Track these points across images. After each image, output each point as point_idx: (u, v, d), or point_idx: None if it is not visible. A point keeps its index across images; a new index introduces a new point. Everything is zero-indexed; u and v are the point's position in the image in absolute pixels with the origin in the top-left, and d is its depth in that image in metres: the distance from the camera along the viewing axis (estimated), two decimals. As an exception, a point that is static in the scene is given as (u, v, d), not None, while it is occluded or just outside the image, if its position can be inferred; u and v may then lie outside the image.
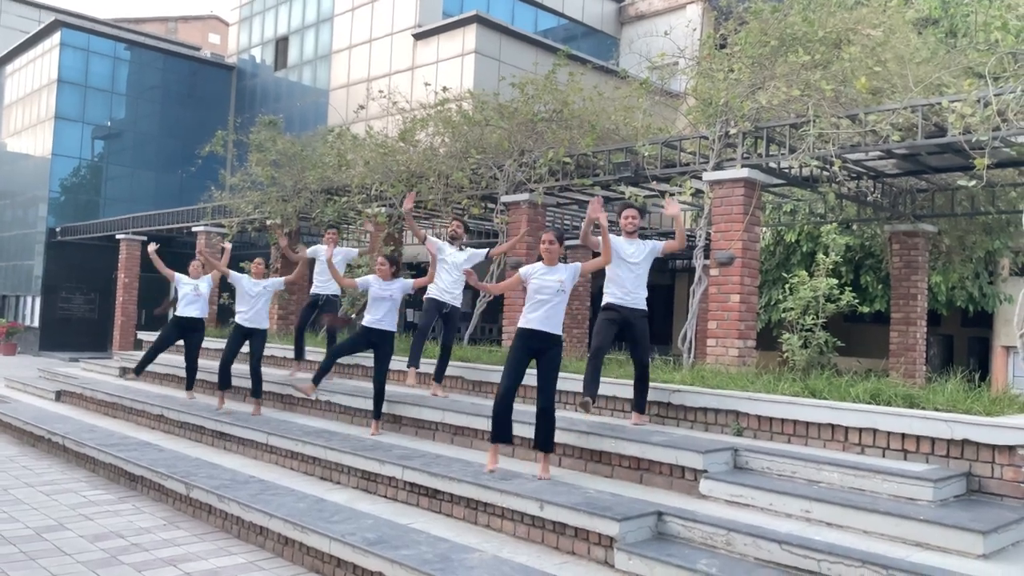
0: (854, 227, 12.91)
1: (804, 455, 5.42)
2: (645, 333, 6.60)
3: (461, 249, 8.35)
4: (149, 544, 5.87)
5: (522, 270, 6.08)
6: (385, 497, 6.35)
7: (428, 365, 8.47)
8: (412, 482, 6.13)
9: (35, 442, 9.59)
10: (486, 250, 8.73)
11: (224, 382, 9.12)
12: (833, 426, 5.70)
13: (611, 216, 7.39)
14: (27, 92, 27.80)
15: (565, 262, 6.17)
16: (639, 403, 6.69)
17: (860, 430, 5.56)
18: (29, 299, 26.51)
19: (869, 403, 5.72)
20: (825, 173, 8.97)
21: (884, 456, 5.41)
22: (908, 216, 10.85)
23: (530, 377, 6.08)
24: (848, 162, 9.12)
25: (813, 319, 7.11)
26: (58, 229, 25.55)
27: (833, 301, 7.17)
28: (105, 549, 5.70)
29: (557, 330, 5.97)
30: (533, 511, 5.22)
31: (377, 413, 7.62)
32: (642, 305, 6.63)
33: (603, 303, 6.69)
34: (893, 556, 4.18)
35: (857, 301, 7.43)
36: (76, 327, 25.85)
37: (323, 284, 9.89)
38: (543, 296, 5.91)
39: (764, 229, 14.36)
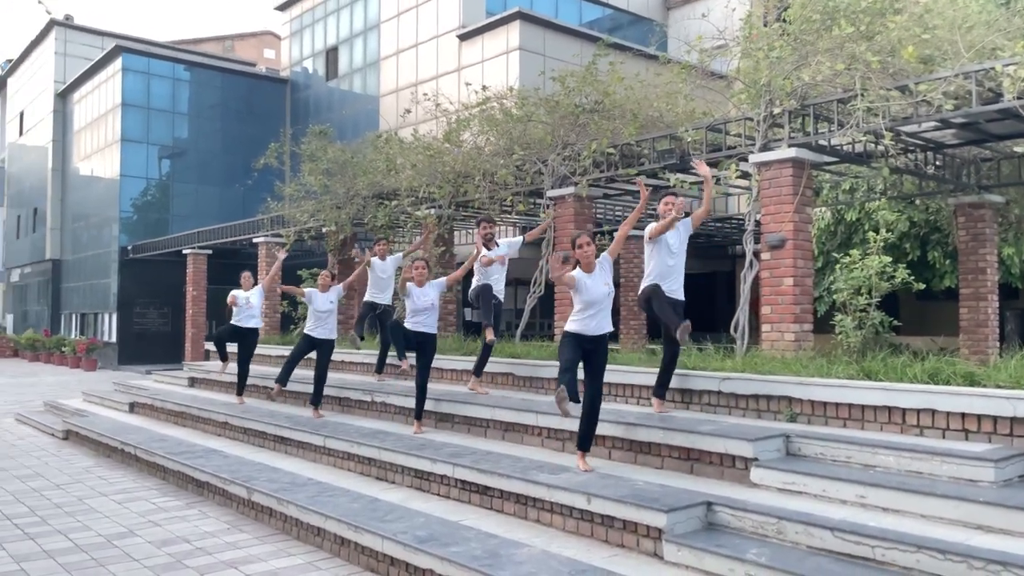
0: (916, 202, 12.46)
1: (859, 439, 5.26)
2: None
3: (497, 245, 8.49)
4: (213, 548, 6.06)
5: (576, 277, 5.94)
6: (437, 495, 6.41)
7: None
8: (463, 479, 6.18)
9: (110, 453, 9.99)
10: (521, 238, 8.83)
11: (284, 377, 9.49)
12: (889, 408, 5.52)
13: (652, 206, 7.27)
14: (94, 117, 28.94)
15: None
16: (662, 389, 6.71)
17: (918, 411, 5.37)
18: (107, 316, 27.61)
19: (927, 383, 5.52)
20: (878, 148, 8.70)
21: (944, 437, 5.22)
22: (973, 187, 10.41)
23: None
24: (902, 135, 8.81)
25: (866, 299, 6.88)
26: (130, 247, 26.55)
27: (888, 279, 6.92)
28: (171, 554, 5.90)
29: (608, 329, 6.02)
30: (581, 505, 5.20)
31: (419, 413, 7.71)
32: (682, 296, 6.74)
33: (648, 285, 6.64)
34: (951, 540, 4.03)
35: (912, 278, 7.14)
36: (151, 341, 26.83)
37: (378, 294, 10.06)
38: (596, 305, 5.87)
39: (823, 209, 13.98)
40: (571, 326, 5.95)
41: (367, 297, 10.20)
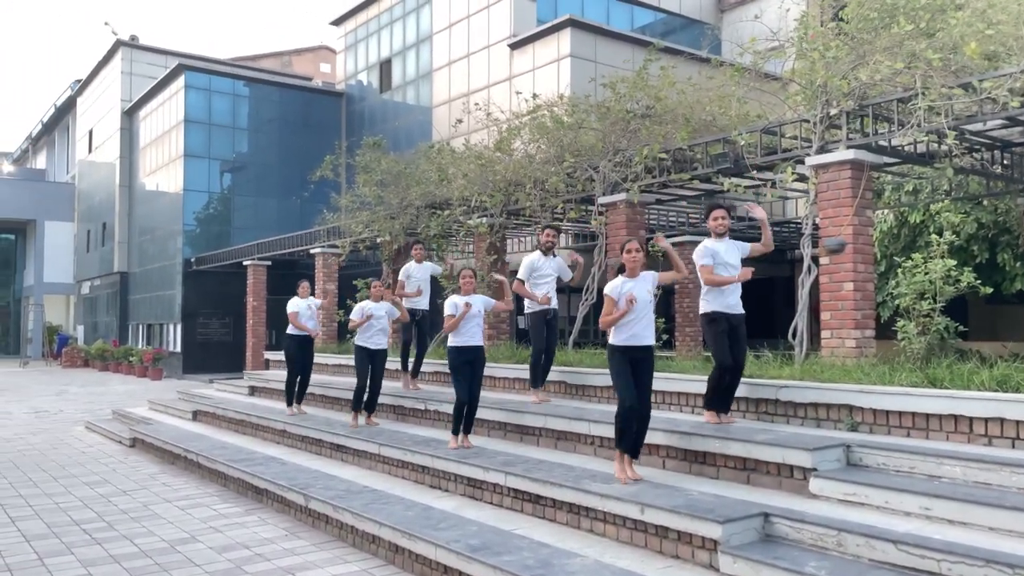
0: (984, 202, 12.03)
1: (923, 449, 5.09)
2: (745, 334, 6.56)
3: (554, 256, 8.44)
4: (271, 554, 6.17)
5: (609, 290, 5.91)
6: (490, 504, 6.41)
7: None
8: (515, 488, 6.17)
9: (174, 460, 10.27)
10: (571, 275, 8.80)
11: (359, 404, 9.26)
12: (956, 417, 5.33)
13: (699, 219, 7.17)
14: (159, 134, 29.90)
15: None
16: (725, 403, 6.55)
17: (986, 420, 5.18)
18: (171, 326, 28.43)
19: (995, 391, 5.31)
20: (941, 148, 8.43)
21: (1013, 447, 5.01)
22: (1043, 186, 10.01)
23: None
24: (966, 134, 8.53)
25: (930, 304, 6.66)
26: (193, 259, 27.31)
27: (953, 283, 6.69)
28: (231, 559, 6.03)
29: (651, 339, 5.93)
30: (634, 515, 5.14)
31: (470, 426, 7.55)
32: (741, 309, 6.60)
33: (707, 311, 6.57)
34: (1021, 554, 3.86)
35: (979, 281, 6.89)
36: (214, 350, 27.51)
37: (416, 300, 10.14)
38: (638, 310, 5.79)
39: (885, 211, 13.61)
40: (615, 338, 5.87)
41: (408, 304, 10.25)
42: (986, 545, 4.04)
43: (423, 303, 10.22)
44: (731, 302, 6.53)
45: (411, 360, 10.30)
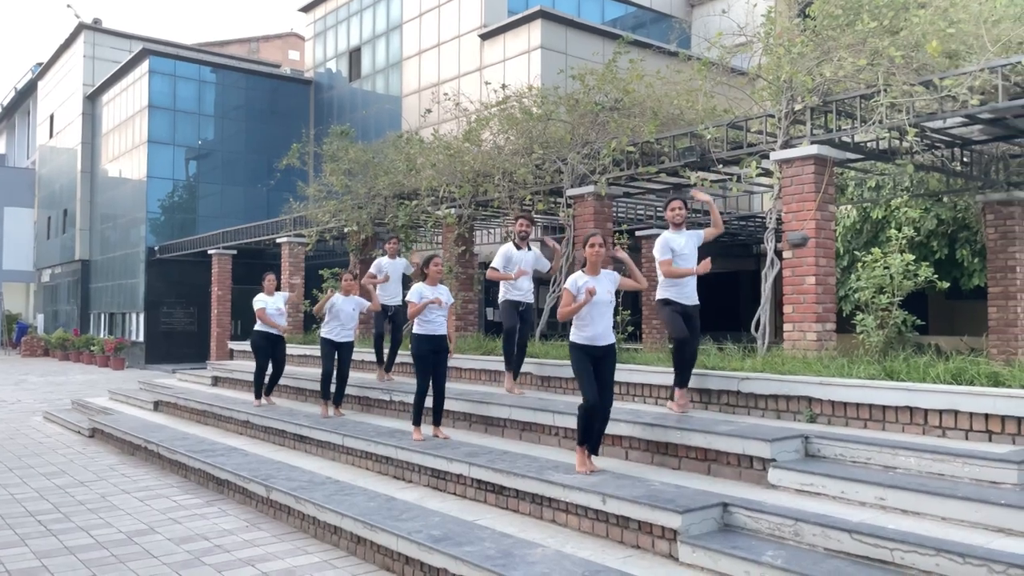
0: (944, 199, 12.25)
1: (879, 440, 5.18)
2: (698, 326, 6.73)
3: (529, 248, 8.39)
4: (231, 545, 6.10)
5: (568, 285, 5.93)
6: (454, 495, 6.41)
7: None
8: (479, 479, 6.17)
9: (134, 451, 10.11)
10: (551, 264, 8.82)
11: (327, 393, 9.30)
12: (911, 409, 5.43)
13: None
14: (122, 119, 29.34)
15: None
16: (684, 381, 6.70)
17: (940, 412, 5.28)
18: (134, 315, 27.98)
19: (950, 383, 5.42)
20: (903, 144, 8.56)
21: (967, 439, 5.12)
22: (1001, 184, 10.21)
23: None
24: (927, 131, 8.66)
25: (889, 298, 6.77)
26: (157, 248, 26.88)
27: (910, 278, 6.80)
28: (190, 551, 5.96)
29: (611, 338, 5.98)
30: (596, 505, 5.17)
31: (439, 418, 7.53)
32: (696, 300, 6.75)
33: (661, 297, 6.73)
34: (972, 543, 3.94)
35: (936, 276, 7.02)
36: (178, 340, 27.15)
37: (389, 296, 10.09)
38: (597, 309, 5.82)
39: (849, 207, 13.79)
40: (576, 336, 5.89)
41: (381, 299, 10.20)
42: (938, 534, 4.12)
43: (396, 298, 10.15)
44: (687, 292, 6.68)
45: (386, 351, 10.24)
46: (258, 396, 10.45)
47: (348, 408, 9.53)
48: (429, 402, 7.48)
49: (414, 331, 7.47)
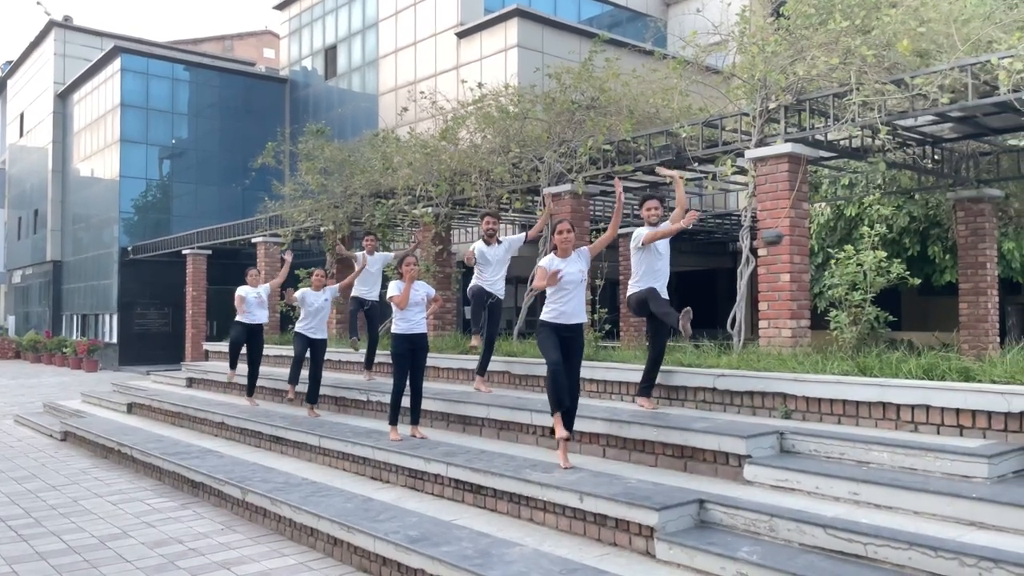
0: (916, 196, 12.40)
1: (853, 436, 5.22)
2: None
3: (499, 242, 8.36)
4: (206, 548, 6.03)
5: (543, 264, 6.10)
6: (431, 495, 6.39)
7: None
8: (456, 478, 6.15)
9: (107, 454, 9.98)
10: (524, 234, 8.75)
11: (295, 378, 9.43)
12: (884, 404, 5.48)
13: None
14: (93, 118, 28.95)
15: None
16: (649, 388, 6.76)
17: (912, 407, 5.33)
18: (107, 317, 27.63)
19: (922, 379, 5.48)
20: (875, 142, 8.65)
21: (939, 433, 5.18)
22: (971, 181, 10.36)
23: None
24: (900, 129, 8.76)
25: (862, 294, 6.84)
26: (130, 248, 26.56)
27: (882, 275, 6.88)
28: (164, 555, 5.88)
29: (583, 318, 6.14)
30: (574, 503, 5.17)
31: (417, 417, 7.49)
32: (665, 296, 6.76)
33: (633, 292, 6.77)
34: (944, 537, 3.99)
35: (908, 273, 7.11)
36: (152, 341, 26.85)
37: (367, 291, 10.06)
38: (567, 288, 5.97)
39: (823, 204, 13.93)
40: (546, 314, 6.06)
41: (354, 292, 10.19)
42: (910, 528, 4.17)
43: (373, 294, 10.12)
44: (660, 286, 6.71)
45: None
46: (232, 366, 10.68)
47: (324, 409, 9.46)
48: (407, 401, 7.45)
49: (392, 330, 7.44)
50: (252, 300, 10.38)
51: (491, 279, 8.32)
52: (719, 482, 5.33)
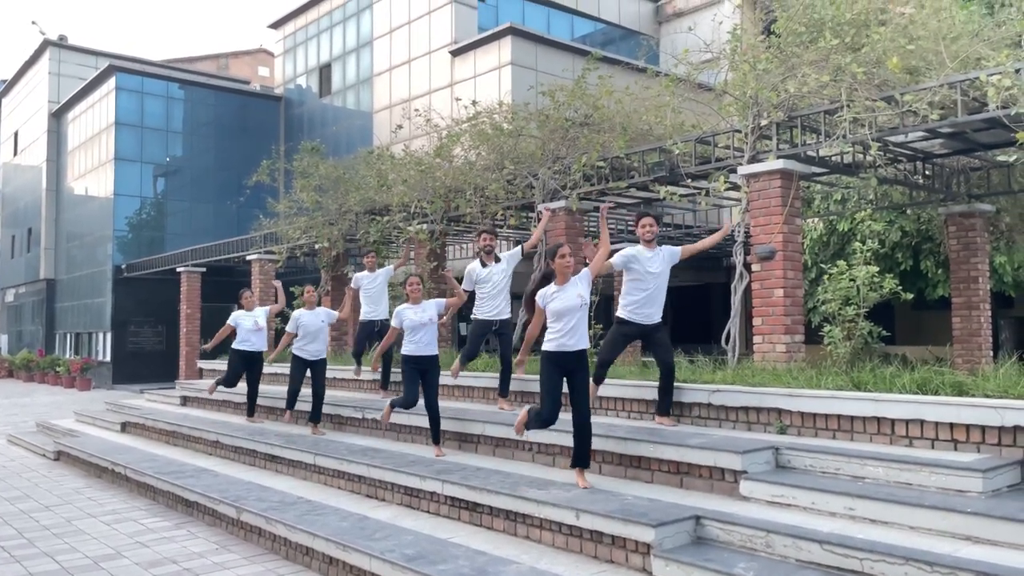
0: (908, 212, 12.48)
1: (848, 451, 5.24)
2: (666, 337, 6.70)
3: (497, 260, 8.29)
4: (200, 569, 6.00)
5: (539, 298, 5.87)
6: (427, 512, 6.37)
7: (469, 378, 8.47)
8: (452, 496, 6.13)
9: (100, 473, 9.93)
10: (520, 247, 8.68)
11: (291, 404, 9.46)
12: (879, 419, 5.49)
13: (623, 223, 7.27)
14: (88, 136, 28.98)
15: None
16: (664, 406, 6.68)
17: (907, 422, 5.35)
18: (101, 335, 27.54)
19: (916, 393, 5.50)
20: (866, 158, 8.72)
21: (933, 448, 5.19)
22: (963, 196, 10.43)
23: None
24: (889, 145, 8.83)
25: (855, 309, 6.87)
26: (123, 266, 26.52)
27: (875, 289, 6.92)
28: (157, 575, 5.85)
29: (584, 344, 5.82)
30: (570, 520, 5.16)
31: (437, 436, 7.39)
32: (658, 319, 6.69)
33: (619, 316, 6.71)
34: (938, 552, 4.00)
35: (901, 288, 7.15)
36: (146, 359, 26.75)
37: (374, 310, 10.00)
38: (568, 316, 5.71)
39: (816, 220, 14.00)
40: (548, 344, 5.78)
41: (363, 316, 10.14)
42: (906, 543, 4.17)
43: (381, 312, 10.04)
44: (648, 312, 6.63)
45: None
46: (251, 414, 10.42)
47: (322, 426, 9.42)
48: (418, 420, 7.49)
49: (402, 351, 7.54)
50: (248, 327, 10.24)
51: (492, 306, 8.14)
52: (715, 498, 5.34)
